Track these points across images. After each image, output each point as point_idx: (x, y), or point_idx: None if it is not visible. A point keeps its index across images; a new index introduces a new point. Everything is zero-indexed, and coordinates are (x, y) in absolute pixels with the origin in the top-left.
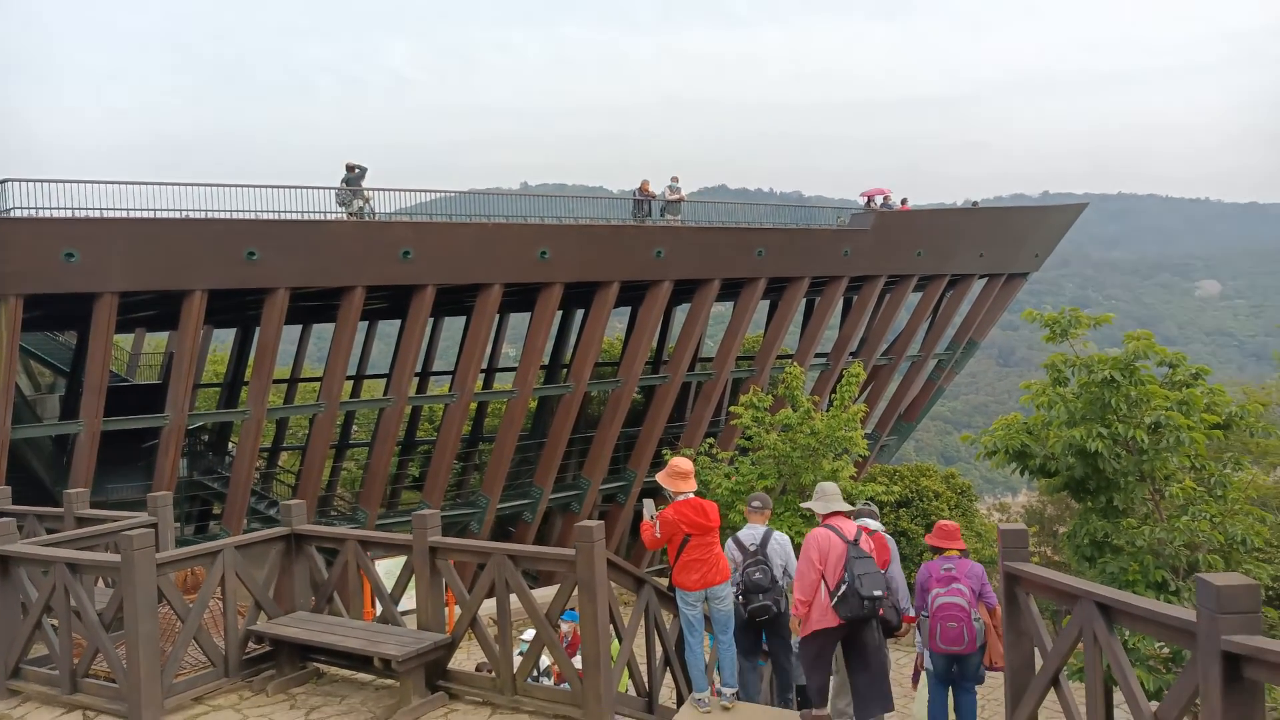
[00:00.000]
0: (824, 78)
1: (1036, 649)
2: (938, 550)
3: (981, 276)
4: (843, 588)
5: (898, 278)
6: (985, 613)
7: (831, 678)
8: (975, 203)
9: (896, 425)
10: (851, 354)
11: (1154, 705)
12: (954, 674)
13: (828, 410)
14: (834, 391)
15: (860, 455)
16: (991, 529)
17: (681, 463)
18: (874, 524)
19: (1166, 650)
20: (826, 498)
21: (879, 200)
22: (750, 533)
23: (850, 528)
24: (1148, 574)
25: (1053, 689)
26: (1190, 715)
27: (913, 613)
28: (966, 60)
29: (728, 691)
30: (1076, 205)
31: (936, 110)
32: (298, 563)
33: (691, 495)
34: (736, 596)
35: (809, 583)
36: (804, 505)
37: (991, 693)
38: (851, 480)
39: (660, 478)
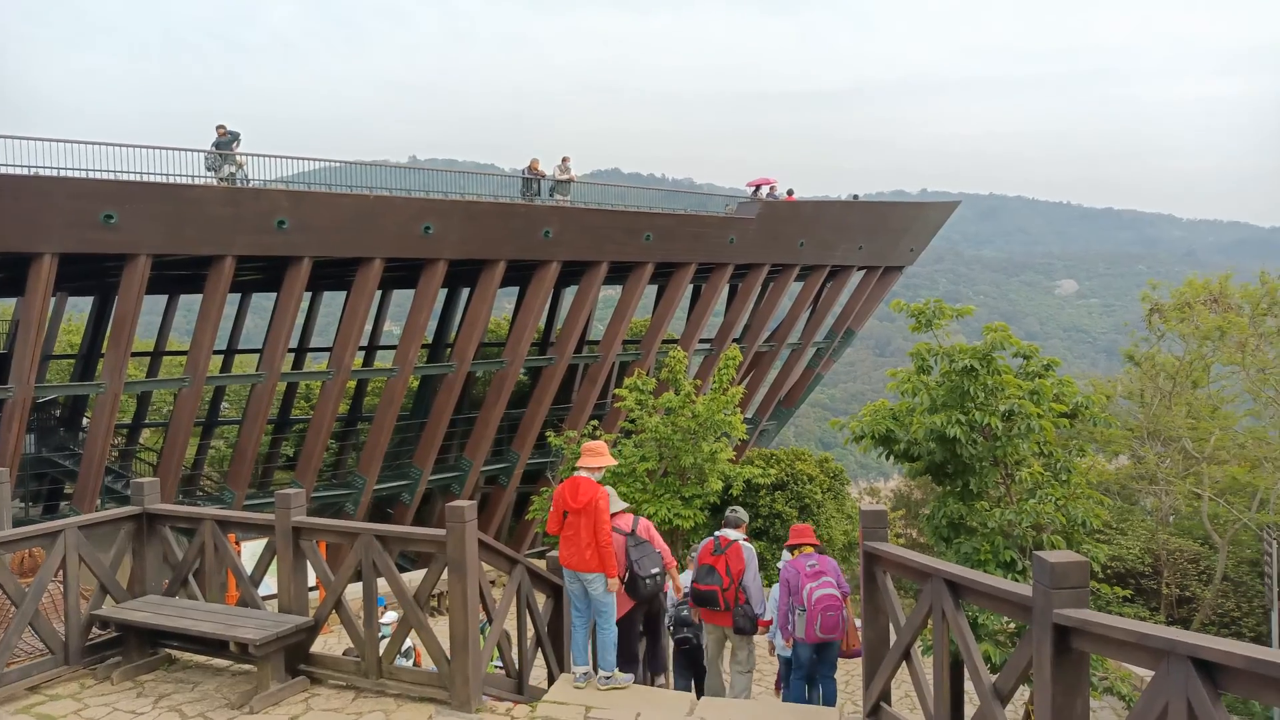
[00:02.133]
0: (720, 69)
1: (892, 625)
2: (795, 548)
3: (860, 268)
4: (626, 575)
5: (781, 267)
6: (843, 600)
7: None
8: (856, 196)
9: (776, 411)
10: (735, 340)
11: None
12: (815, 663)
13: (708, 394)
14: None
15: (739, 439)
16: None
17: (589, 444)
18: (734, 534)
19: (1012, 626)
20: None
21: (765, 190)
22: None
23: (626, 521)
24: (998, 554)
25: (905, 663)
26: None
27: (767, 616)
28: (855, 57)
29: (603, 673)
30: (950, 203)
31: (826, 105)
32: (150, 544)
33: (581, 473)
34: (667, 625)
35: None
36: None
37: (856, 667)
38: (730, 463)
39: None
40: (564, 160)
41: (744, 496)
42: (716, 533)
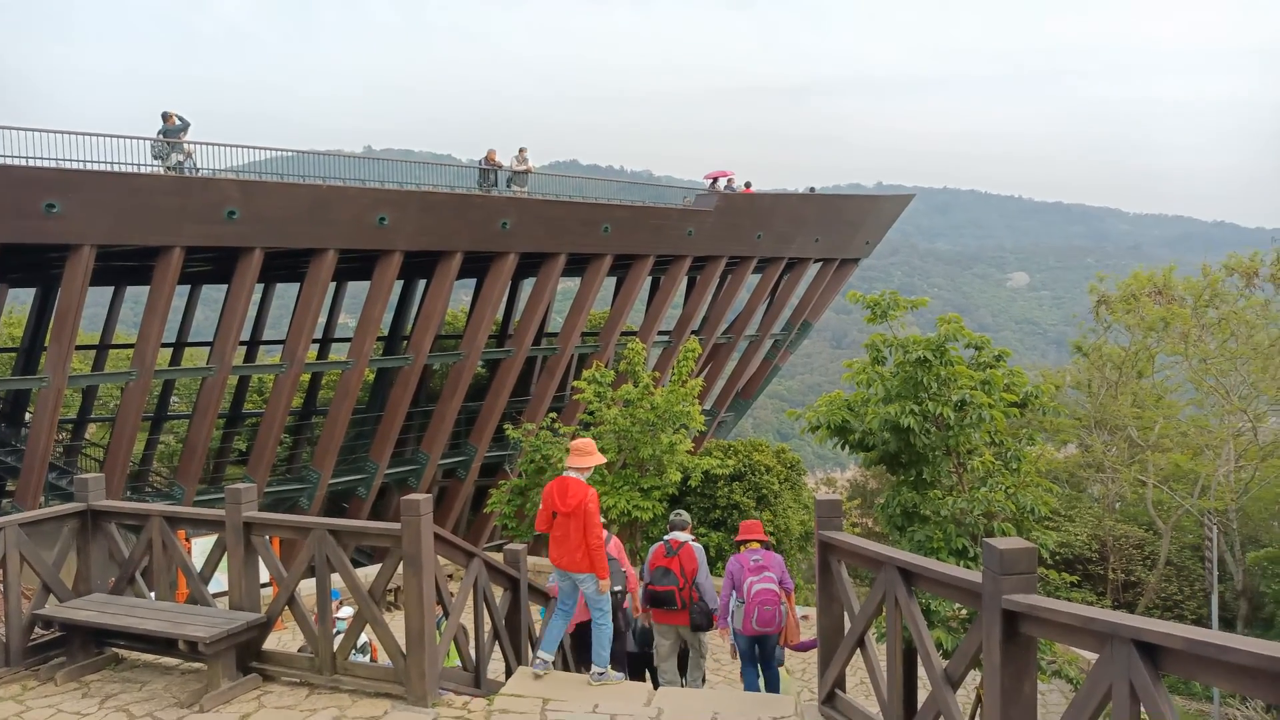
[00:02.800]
0: (678, 64)
1: (846, 613)
2: (744, 543)
3: (817, 261)
4: None
5: (738, 259)
6: (783, 596)
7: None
8: (813, 189)
9: (734, 402)
10: (693, 332)
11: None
12: (756, 653)
13: (667, 386)
14: (673, 368)
15: (698, 430)
16: None
17: (576, 442)
18: (683, 536)
19: (964, 612)
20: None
21: (723, 183)
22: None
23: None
24: (950, 541)
25: (860, 650)
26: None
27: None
28: (810, 54)
29: (596, 669)
30: (904, 196)
31: (781, 101)
32: (95, 541)
33: (569, 473)
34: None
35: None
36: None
37: (813, 655)
38: (688, 454)
39: None
40: (521, 151)
41: (702, 487)
42: (666, 536)
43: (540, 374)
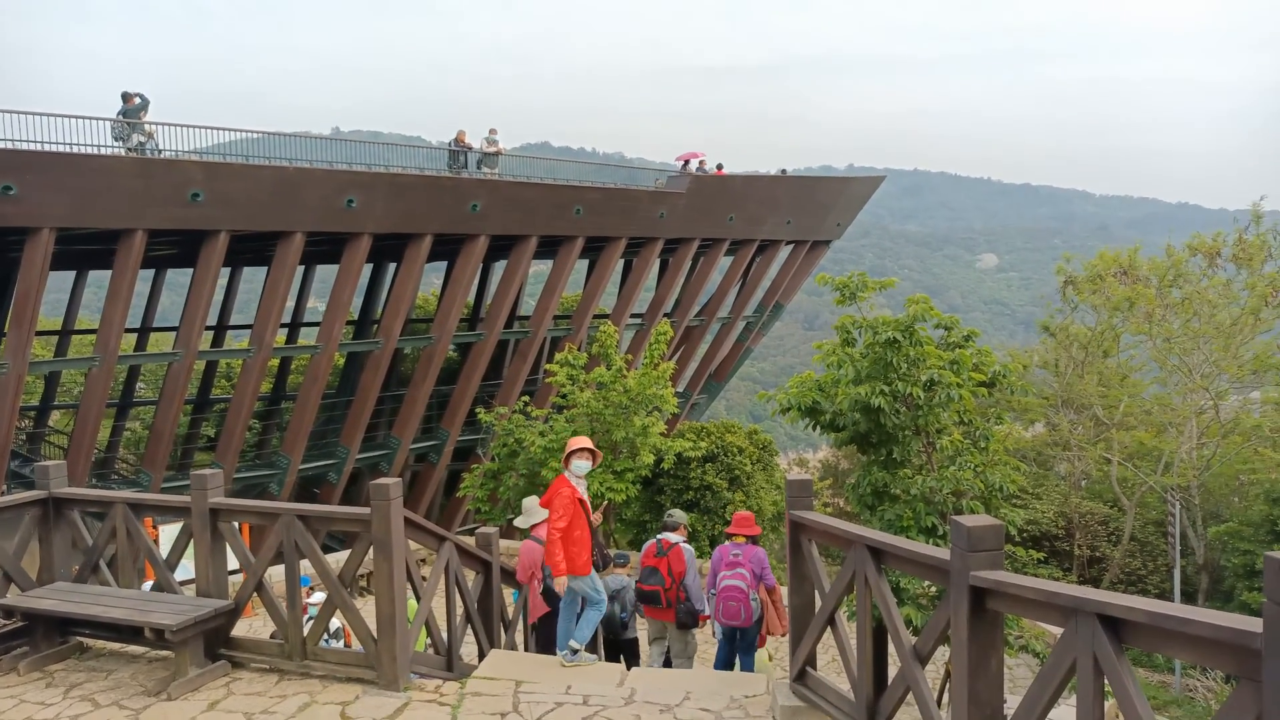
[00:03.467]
0: (649, 42)
1: (817, 592)
2: (731, 536)
3: (788, 243)
4: (540, 584)
5: (710, 241)
6: (764, 592)
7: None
8: (785, 171)
9: (707, 384)
10: (666, 314)
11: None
12: (736, 640)
13: (640, 369)
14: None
15: (671, 412)
16: None
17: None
18: (674, 537)
19: (934, 590)
20: (529, 514)
21: (694, 165)
22: (612, 578)
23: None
24: (920, 520)
25: (830, 628)
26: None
27: (706, 611)
28: (783, 34)
29: (572, 644)
30: (875, 177)
31: (752, 82)
32: (58, 530)
33: (563, 473)
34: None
35: (527, 580)
36: (515, 522)
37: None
38: (661, 436)
39: None
40: (491, 132)
41: (675, 469)
42: (658, 536)
43: (512, 357)
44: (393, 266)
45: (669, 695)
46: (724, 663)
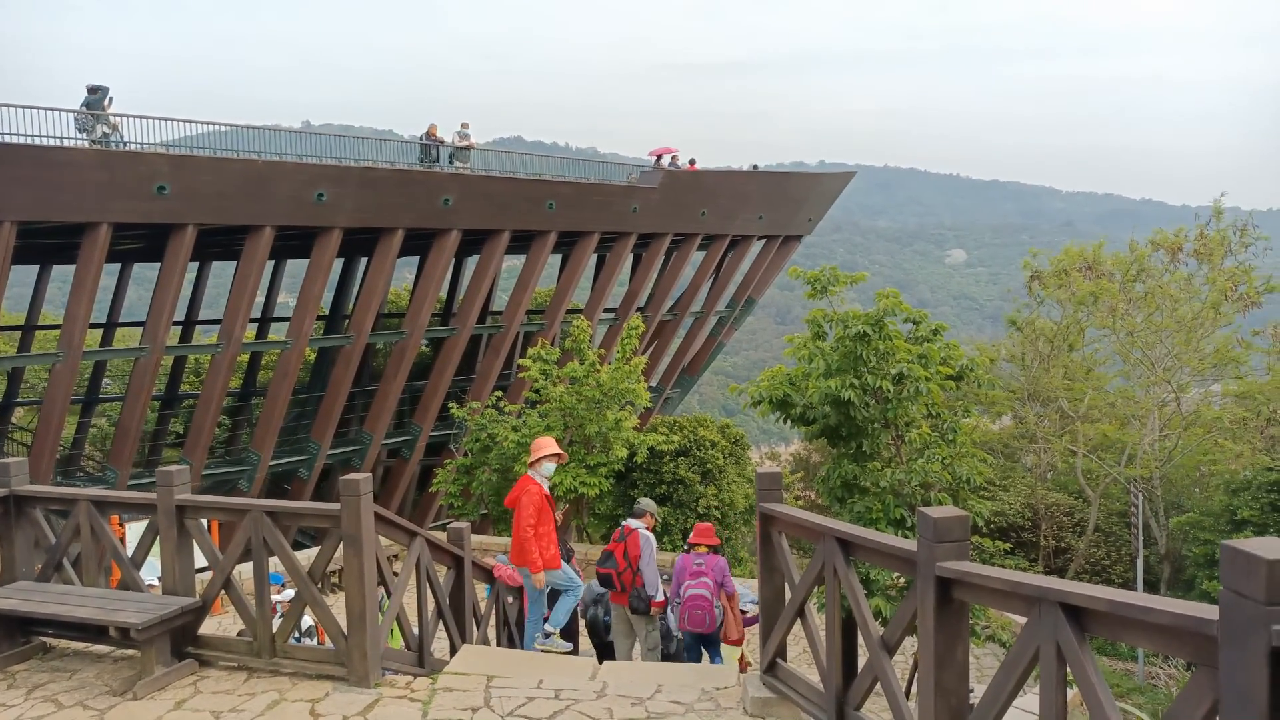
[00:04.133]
0: (621, 39)
1: (787, 584)
2: (692, 546)
3: (760, 238)
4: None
5: (683, 236)
6: (725, 599)
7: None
8: (756, 166)
9: (680, 379)
10: (639, 309)
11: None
12: (700, 645)
13: (613, 363)
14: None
15: (644, 407)
16: None
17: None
18: (635, 524)
19: (902, 581)
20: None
21: (667, 160)
22: (594, 584)
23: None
24: (889, 512)
25: (800, 620)
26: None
27: (661, 599)
28: (756, 30)
29: (547, 628)
30: (846, 173)
31: (724, 78)
32: (20, 528)
33: (527, 472)
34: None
35: (506, 574)
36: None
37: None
38: (634, 431)
39: None
40: (464, 126)
41: (648, 463)
42: (624, 522)
43: (485, 352)
44: (364, 261)
45: (641, 688)
46: (693, 660)
